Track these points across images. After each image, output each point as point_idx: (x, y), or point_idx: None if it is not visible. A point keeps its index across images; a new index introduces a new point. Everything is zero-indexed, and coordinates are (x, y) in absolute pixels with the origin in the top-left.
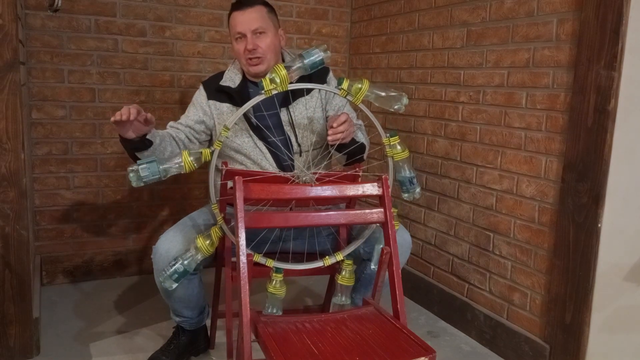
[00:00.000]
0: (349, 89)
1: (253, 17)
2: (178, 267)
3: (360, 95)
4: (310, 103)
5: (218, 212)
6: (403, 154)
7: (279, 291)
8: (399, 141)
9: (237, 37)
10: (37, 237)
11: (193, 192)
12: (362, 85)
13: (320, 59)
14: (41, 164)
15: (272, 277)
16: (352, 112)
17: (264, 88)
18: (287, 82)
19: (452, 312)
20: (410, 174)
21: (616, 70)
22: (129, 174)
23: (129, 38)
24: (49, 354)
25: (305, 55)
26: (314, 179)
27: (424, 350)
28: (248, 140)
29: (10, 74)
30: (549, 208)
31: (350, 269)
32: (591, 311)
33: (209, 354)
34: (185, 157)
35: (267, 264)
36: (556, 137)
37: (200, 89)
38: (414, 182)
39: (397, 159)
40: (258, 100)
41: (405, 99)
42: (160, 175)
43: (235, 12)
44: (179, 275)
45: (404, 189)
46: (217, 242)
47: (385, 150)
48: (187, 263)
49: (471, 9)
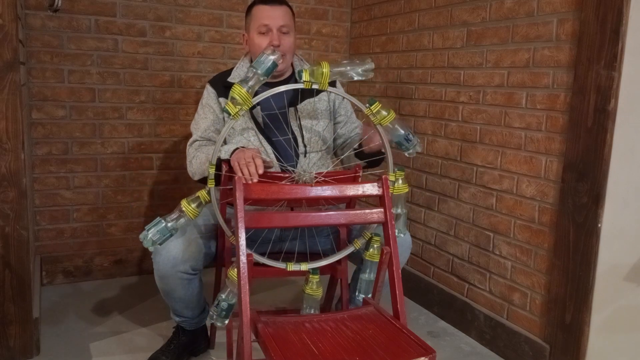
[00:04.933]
0: (311, 77)
1: (282, 14)
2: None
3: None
4: (318, 105)
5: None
6: (389, 117)
7: (316, 292)
8: (381, 106)
9: (261, 30)
10: (37, 237)
11: (193, 192)
12: (323, 69)
13: (271, 63)
14: (41, 164)
15: (309, 279)
16: (353, 115)
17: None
18: (250, 99)
19: (452, 312)
20: (404, 132)
21: (616, 70)
22: (143, 242)
23: (129, 38)
24: (49, 354)
25: (256, 65)
26: (313, 178)
27: (424, 350)
28: (254, 139)
29: (10, 74)
30: (549, 208)
31: (378, 245)
32: (591, 311)
33: (209, 354)
34: (186, 207)
35: (302, 268)
36: (556, 137)
37: (207, 89)
38: (410, 137)
39: (385, 123)
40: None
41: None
42: (170, 233)
43: (263, 6)
44: (226, 312)
45: (403, 147)
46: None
47: (372, 121)
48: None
49: (471, 9)
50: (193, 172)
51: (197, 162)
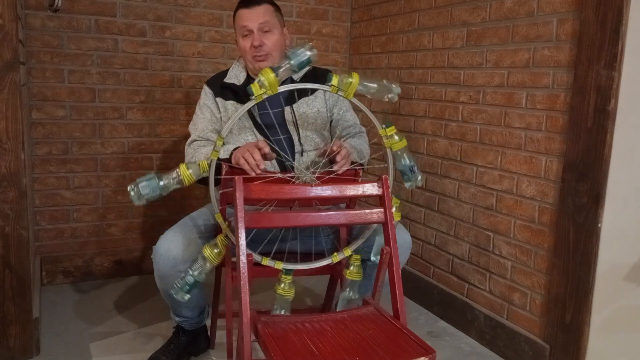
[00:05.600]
0: (339, 84)
1: (260, 13)
2: (189, 279)
3: (351, 90)
4: (314, 103)
5: (222, 220)
6: (401, 144)
7: (288, 293)
8: (396, 131)
9: (244, 33)
10: (37, 237)
11: (193, 192)
12: (352, 80)
13: (306, 58)
14: (41, 164)
15: (281, 279)
16: (355, 117)
17: (253, 94)
18: (276, 85)
19: (452, 312)
20: (410, 162)
21: (616, 70)
22: (129, 193)
23: (129, 38)
24: (49, 354)
25: (291, 55)
26: (314, 178)
27: (424, 350)
28: (251, 138)
29: (10, 74)
30: (549, 208)
31: (358, 263)
32: (591, 311)
33: (209, 354)
34: (183, 171)
35: (276, 266)
36: (556, 137)
37: (204, 89)
38: (415, 169)
39: (395, 149)
40: (249, 106)
41: (397, 88)
42: (160, 192)
43: (243, 9)
44: (190, 287)
45: (406, 177)
46: (224, 251)
47: (383, 142)
48: (197, 274)
49: (471, 9)
50: None
51: None
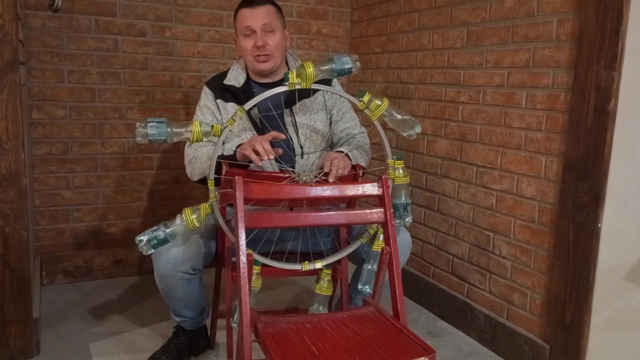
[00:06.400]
0: (368, 103)
1: (264, 14)
2: (159, 234)
3: (378, 112)
4: (314, 105)
5: (213, 188)
6: (404, 180)
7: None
8: (403, 166)
9: (246, 33)
10: (37, 237)
11: (193, 192)
12: (381, 103)
13: (349, 67)
14: (41, 164)
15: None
16: (356, 117)
17: (288, 80)
18: (312, 80)
19: (452, 312)
20: (406, 201)
21: (616, 70)
22: (137, 129)
23: (129, 38)
24: (49, 354)
25: (335, 60)
26: (314, 178)
27: (424, 350)
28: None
29: (10, 74)
30: (549, 208)
31: (329, 278)
32: (591, 311)
33: (209, 354)
34: (196, 127)
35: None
36: (556, 137)
37: (204, 90)
38: (408, 209)
39: (397, 183)
40: (279, 91)
41: (418, 127)
42: (166, 137)
43: (245, 9)
44: (157, 242)
45: (397, 214)
46: (204, 219)
47: (388, 171)
48: (170, 232)
49: (471, 9)
50: (192, 172)
51: (198, 162)
